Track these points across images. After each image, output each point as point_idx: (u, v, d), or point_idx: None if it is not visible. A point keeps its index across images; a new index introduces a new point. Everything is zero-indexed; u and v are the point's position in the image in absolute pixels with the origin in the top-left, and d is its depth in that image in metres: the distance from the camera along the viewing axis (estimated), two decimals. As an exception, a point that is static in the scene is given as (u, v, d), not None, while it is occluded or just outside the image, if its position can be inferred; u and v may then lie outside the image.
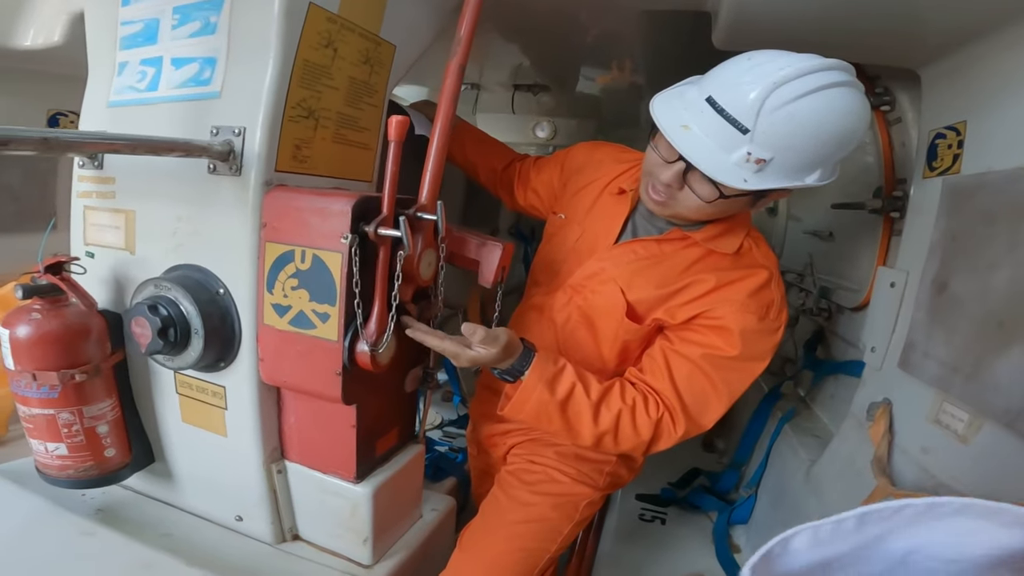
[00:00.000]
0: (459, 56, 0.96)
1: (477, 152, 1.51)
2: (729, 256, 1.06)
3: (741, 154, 0.86)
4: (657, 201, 1.00)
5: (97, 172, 0.96)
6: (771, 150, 0.85)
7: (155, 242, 0.95)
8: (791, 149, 0.86)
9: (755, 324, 1.01)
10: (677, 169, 0.93)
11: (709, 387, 1.03)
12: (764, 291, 1.03)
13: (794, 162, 0.87)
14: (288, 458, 1.03)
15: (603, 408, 1.01)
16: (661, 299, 1.06)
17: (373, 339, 0.88)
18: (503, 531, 1.14)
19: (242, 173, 0.86)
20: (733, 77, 0.87)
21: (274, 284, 0.88)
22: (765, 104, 0.83)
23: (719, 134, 0.87)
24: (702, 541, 1.66)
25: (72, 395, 0.91)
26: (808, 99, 0.82)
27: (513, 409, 1.01)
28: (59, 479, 0.97)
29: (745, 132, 0.85)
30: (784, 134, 0.84)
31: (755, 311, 1.01)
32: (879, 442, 1.21)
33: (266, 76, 0.84)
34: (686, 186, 0.95)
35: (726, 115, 0.86)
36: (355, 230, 0.83)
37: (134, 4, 0.92)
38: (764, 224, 2.42)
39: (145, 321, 0.86)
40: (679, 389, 1.03)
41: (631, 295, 1.07)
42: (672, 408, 1.03)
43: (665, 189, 0.97)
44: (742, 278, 1.04)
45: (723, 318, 1.01)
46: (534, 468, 1.20)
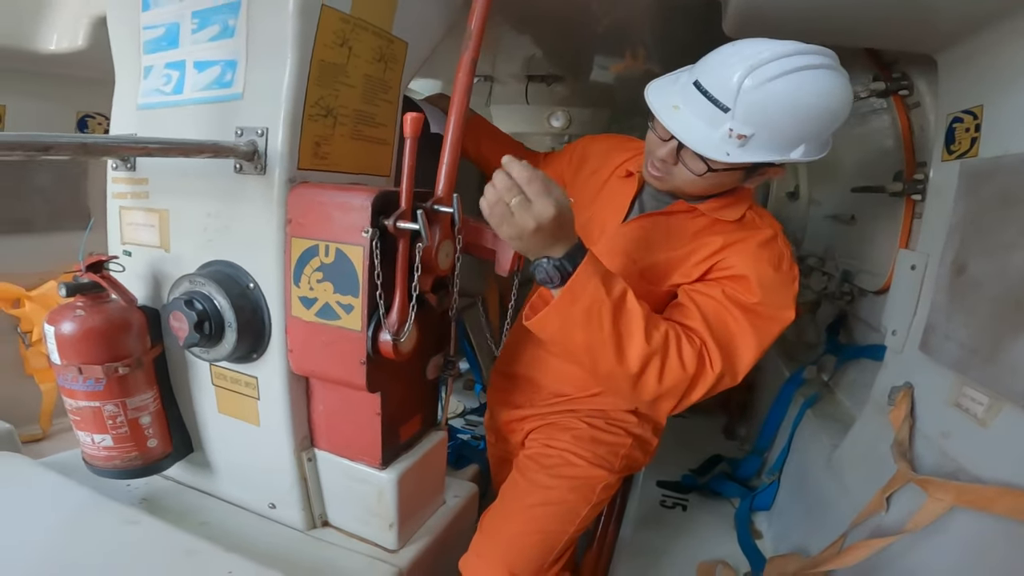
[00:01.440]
0: (471, 50, 0.98)
1: (491, 148, 1.54)
2: (733, 223, 1.10)
3: (724, 130, 0.94)
4: (655, 176, 1.08)
5: (130, 174, 1.01)
6: (751, 126, 0.92)
7: (188, 239, 0.99)
8: (770, 125, 0.92)
9: (771, 273, 1.03)
10: (671, 146, 1.01)
11: (736, 327, 0.99)
12: (772, 244, 1.07)
13: (775, 138, 0.94)
14: (317, 446, 1.07)
15: (652, 325, 0.93)
16: (672, 262, 1.10)
17: (395, 328, 0.91)
18: (522, 514, 1.17)
19: (267, 172, 0.90)
20: (718, 62, 0.95)
21: (300, 277, 0.91)
22: (744, 84, 0.90)
23: (705, 113, 0.95)
24: (724, 527, 1.67)
25: (116, 387, 0.96)
26: (783, 79, 0.88)
27: (562, 303, 0.87)
28: (106, 470, 1.02)
29: (726, 111, 0.92)
30: (762, 111, 0.91)
31: (768, 260, 1.04)
32: (899, 426, 1.21)
33: (284, 77, 0.87)
34: (680, 162, 1.02)
35: (709, 96, 0.94)
36: (375, 224, 0.86)
37: (154, 9, 0.95)
38: (785, 209, 2.40)
39: (182, 315, 0.90)
40: (711, 323, 0.99)
41: (642, 262, 1.11)
42: (707, 343, 0.97)
43: (661, 165, 1.05)
44: (748, 236, 1.08)
45: (736, 266, 1.04)
46: (551, 452, 1.23)
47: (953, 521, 1.00)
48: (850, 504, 1.28)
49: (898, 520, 1.12)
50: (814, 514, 1.47)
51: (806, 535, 1.45)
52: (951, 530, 1.00)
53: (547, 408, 1.28)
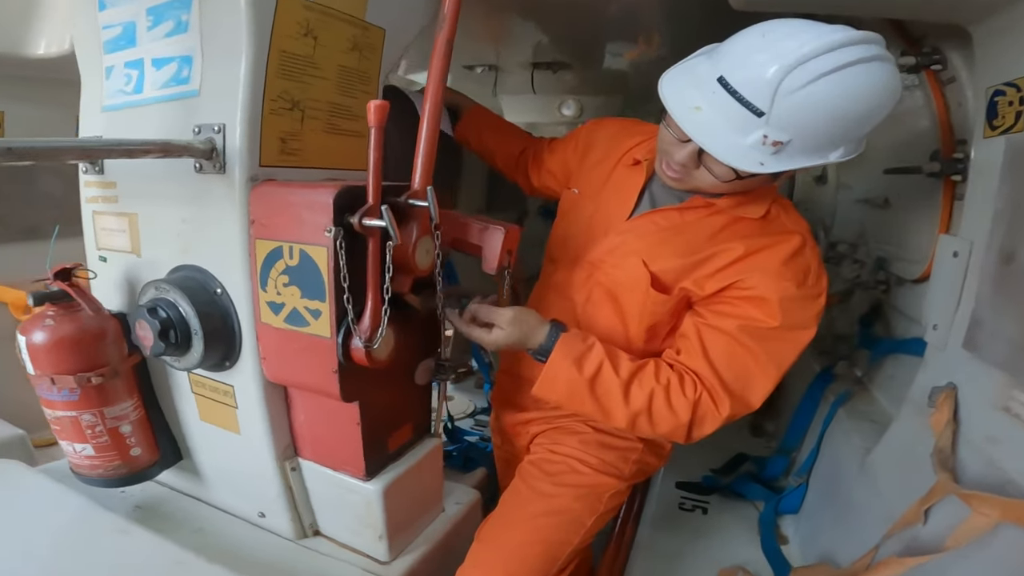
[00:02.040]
0: (445, 31, 0.88)
1: (494, 138, 1.45)
2: (756, 221, 0.99)
3: (756, 137, 0.81)
4: (672, 178, 0.97)
5: (100, 177, 0.97)
6: (789, 132, 0.80)
7: (158, 244, 0.94)
8: (810, 130, 0.80)
9: (793, 291, 0.93)
10: (691, 150, 0.89)
11: (751, 361, 0.94)
12: (798, 257, 0.95)
13: (814, 142, 0.82)
14: (301, 455, 1.02)
15: (634, 387, 0.95)
16: (687, 268, 0.98)
17: (367, 335, 0.83)
18: (523, 524, 1.08)
19: (226, 170, 0.83)
20: (746, 54, 0.81)
21: (267, 281, 0.85)
22: (782, 85, 0.76)
23: (732, 116, 0.81)
24: (746, 531, 1.54)
25: (93, 397, 0.92)
26: (830, 79, 0.75)
27: (542, 388, 0.98)
28: (91, 478, 0.99)
29: (760, 115, 0.79)
30: (803, 116, 0.79)
31: (792, 278, 0.93)
32: (941, 432, 1.07)
33: (240, 71, 0.80)
34: (702, 166, 0.91)
35: (739, 97, 0.80)
36: (339, 222, 0.78)
37: (111, 8, 0.90)
38: (812, 193, 2.22)
39: (146, 324, 0.85)
40: (717, 366, 0.95)
41: (654, 266, 1.00)
42: (712, 388, 0.95)
43: (680, 168, 0.94)
44: (773, 244, 0.96)
45: (757, 287, 0.93)
46: (555, 458, 1.14)
47: (998, 539, 0.87)
48: (884, 512, 1.15)
49: (936, 534, 0.99)
50: (844, 520, 1.34)
51: (835, 543, 1.33)
52: (995, 548, 0.87)
53: (552, 411, 1.19)
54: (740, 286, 0.95)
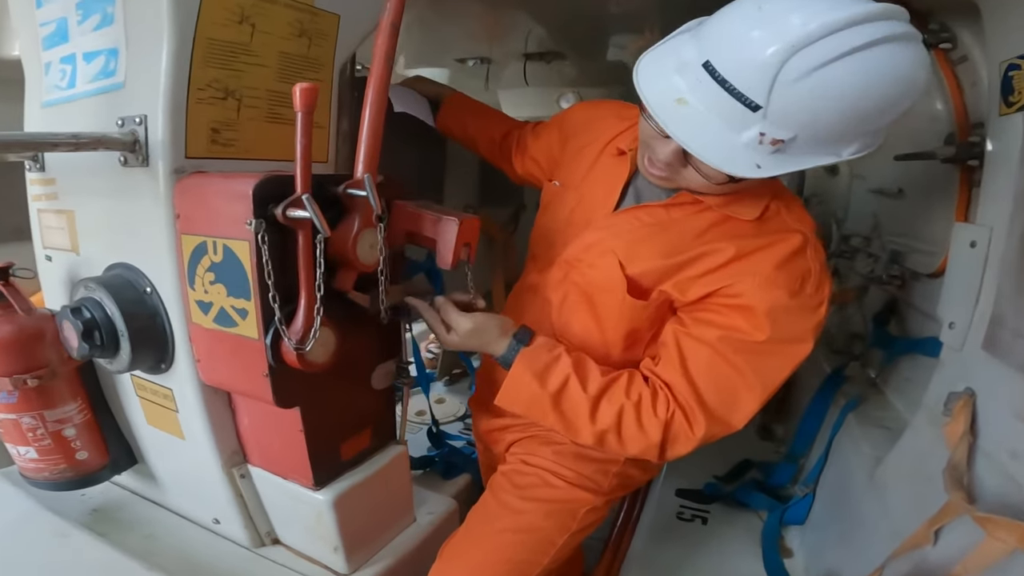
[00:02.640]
0: (390, 13, 0.80)
1: (476, 124, 1.35)
2: (751, 223, 0.86)
3: (752, 135, 0.67)
4: (657, 176, 0.84)
5: (41, 174, 0.92)
6: (791, 128, 0.66)
7: (93, 241, 0.89)
8: (817, 124, 0.65)
9: (786, 301, 0.81)
10: (675, 147, 0.75)
11: (735, 376, 0.83)
12: (796, 260, 0.82)
13: (823, 139, 0.68)
14: (250, 462, 0.95)
15: (603, 403, 0.85)
16: (669, 270, 0.86)
17: (299, 336, 0.75)
18: (487, 541, 0.98)
19: (149, 163, 0.77)
20: (738, 32, 0.65)
21: (195, 279, 0.78)
22: (782, 71, 0.62)
23: (722, 109, 0.67)
24: (748, 543, 1.41)
25: (32, 399, 0.88)
26: (843, 64, 0.60)
27: (503, 399, 0.91)
28: (37, 481, 0.95)
29: (756, 109, 0.65)
30: (809, 110, 0.64)
31: (784, 285, 0.81)
32: (956, 445, 0.93)
33: (162, 60, 0.74)
34: (689, 165, 0.78)
35: (729, 87, 0.65)
36: (262, 214, 0.71)
37: (46, 5, 0.86)
38: (824, 185, 2.07)
39: (69, 325, 0.79)
40: (695, 382, 0.83)
41: (633, 268, 0.88)
42: (686, 406, 0.84)
43: (666, 167, 0.80)
44: (768, 245, 0.83)
45: (743, 295, 0.81)
46: (527, 470, 1.04)
47: (1015, 566, 0.75)
48: (891, 529, 1.03)
49: (946, 557, 0.87)
50: (851, 536, 1.21)
51: (840, 559, 1.20)
52: (1012, 576, 0.74)
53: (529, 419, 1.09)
54: (726, 292, 0.83)
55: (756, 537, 1.43)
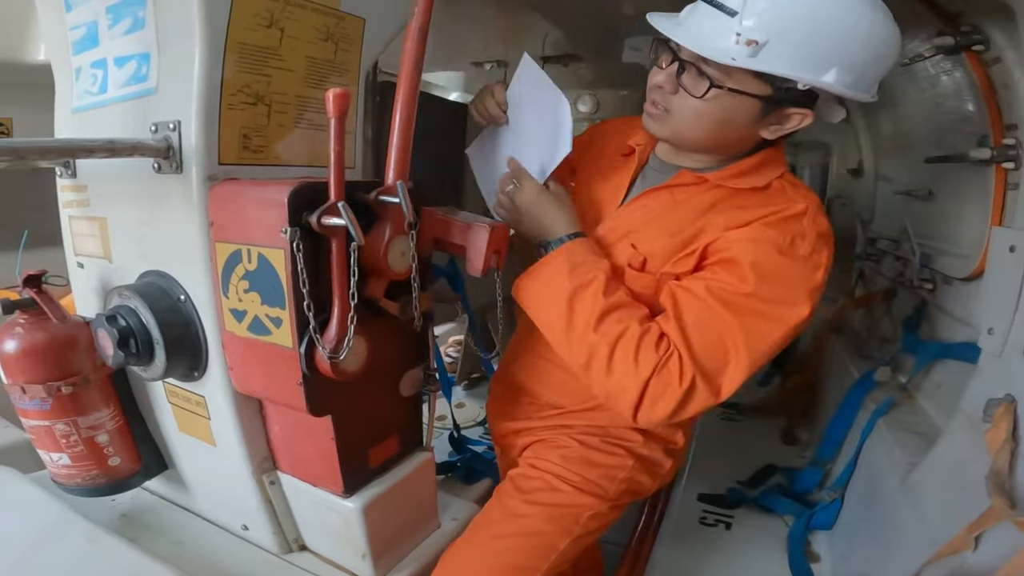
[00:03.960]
0: (418, 17, 0.79)
1: None
2: (754, 193, 0.88)
3: (731, 38, 0.76)
4: (652, 113, 0.88)
5: (73, 181, 0.92)
6: (763, 32, 0.74)
7: (126, 248, 0.89)
8: (786, 33, 0.74)
9: (773, 256, 0.80)
10: (670, 71, 0.83)
11: (722, 329, 0.79)
12: (790, 222, 0.82)
13: (794, 50, 0.75)
14: (280, 469, 0.94)
15: (613, 315, 0.82)
16: (673, 248, 0.87)
17: (332, 345, 0.75)
18: (485, 545, 0.96)
19: (183, 170, 0.77)
20: None
21: (228, 287, 0.78)
22: None
23: (711, 23, 0.77)
24: (773, 548, 1.39)
25: (65, 406, 0.88)
26: None
27: (526, 278, 0.90)
28: (70, 488, 0.95)
29: (733, 15, 0.75)
30: (774, 13, 0.74)
31: (773, 240, 0.80)
32: (998, 452, 0.91)
33: (194, 65, 0.74)
34: (680, 88, 0.83)
35: (714, 2, 0.77)
36: (297, 222, 0.70)
37: (75, 9, 0.86)
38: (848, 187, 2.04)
39: (104, 333, 0.79)
40: (686, 329, 0.80)
41: (644, 247, 0.89)
42: (680, 353, 0.79)
43: (660, 95, 0.86)
44: (768, 213, 0.83)
45: (729, 249, 0.82)
46: (532, 474, 1.02)
47: None
48: (927, 535, 1.01)
49: (987, 563, 0.85)
50: (883, 541, 1.19)
51: (872, 564, 1.18)
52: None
53: (540, 422, 1.08)
54: (713, 247, 0.83)
55: (781, 542, 1.41)
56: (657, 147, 1.00)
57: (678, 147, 0.94)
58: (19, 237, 1.59)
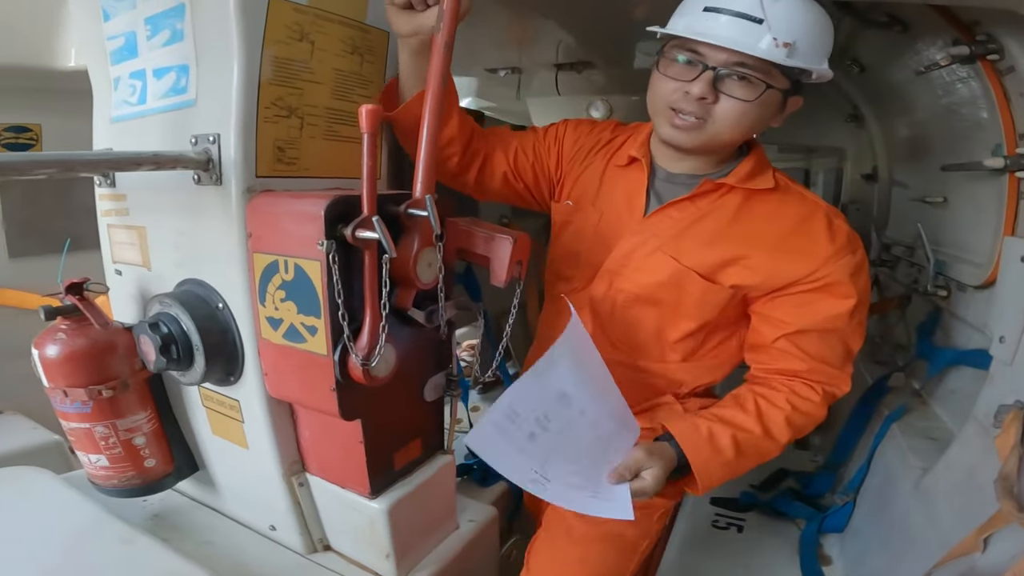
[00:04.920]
0: (444, 32, 0.84)
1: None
2: (771, 194, 1.00)
3: (768, 40, 0.84)
4: (687, 126, 0.92)
5: (112, 190, 0.97)
6: (791, 34, 0.85)
7: (165, 257, 0.94)
8: (804, 32, 0.86)
9: (851, 259, 0.96)
10: (707, 78, 0.87)
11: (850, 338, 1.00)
12: (835, 224, 0.97)
13: (812, 46, 0.88)
14: (309, 471, 0.99)
15: (771, 425, 0.96)
16: (723, 260, 0.97)
17: (365, 352, 0.80)
18: (577, 551, 1.01)
19: (223, 182, 0.81)
20: None
21: (265, 297, 0.82)
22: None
23: (738, 28, 0.85)
24: (785, 551, 1.43)
25: (105, 409, 0.92)
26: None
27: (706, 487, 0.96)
28: (106, 488, 1.00)
29: (760, 22, 0.84)
30: (792, 19, 0.85)
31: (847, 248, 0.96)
32: (1008, 456, 0.94)
33: (233, 78, 0.78)
34: (720, 94, 0.89)
35: (734, 12, 0.85)
36: (332, 235, 0.75)
37: (113, 19, 0.90)
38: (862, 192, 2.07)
39: (147, 339, 0.84)
40: (821, 356, 0.98)
41: (688, 259, 0.96)
42: (826, 378, 0.99)
43: (698, 107, 0.89)
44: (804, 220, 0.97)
45: (831, 274, 0.95)
46: None
47: None
48: (939, 538, 1.05)
49: (996, 565, 0.89)
50: (895, 544, 1.22)
51: (883, 568, 1.22)
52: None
53: None
54: (812, 279, 0.95)
55: (793, 545, 1.45)
56: (656, 156, 1.05)
57: (693, 153, 0.98)
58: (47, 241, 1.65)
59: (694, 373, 1.09)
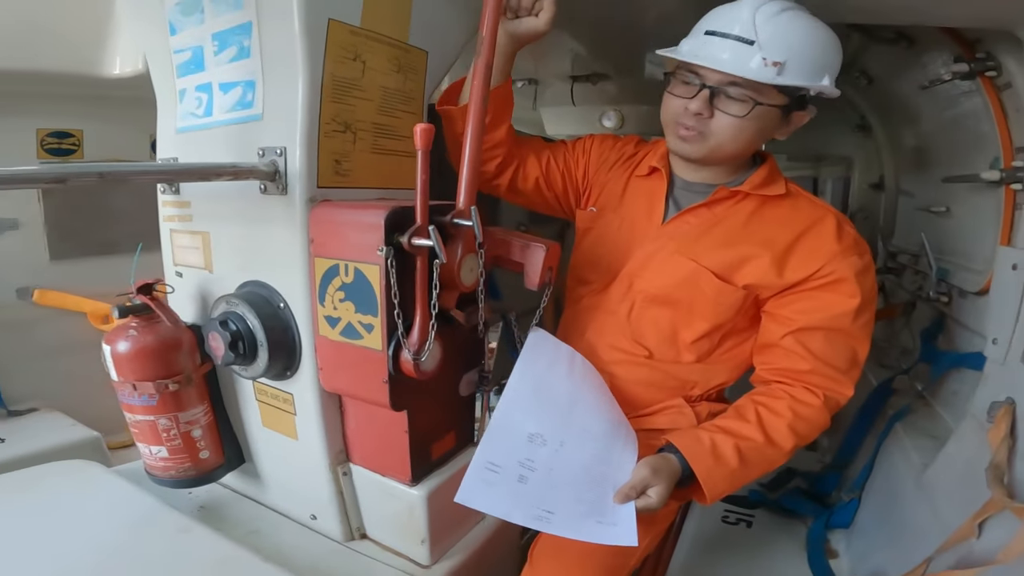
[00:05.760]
0: (483, 56, 0.96)
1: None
2: (783, 199, 1.11)
3: (757, 61, 0.96)
4: (688, 136, 1.05)
5: (176, 197, 1.09)
6: (781, 52, 0.96)
7: (228, 260, 1.06)
8: (796, 50, 0.96)
9: (858, 262, 1.05)
10: (703, 96, 1.00)
11: (855, 340, 1.07)
12: (843, 228, 1.07)
13: (805, 63, 0.97)
14: (352, 461, 1.11)
15: (773, 433, 1.03)
16: (741, 260, 1.07)
17: (415, 348, 0.91)
18: (577, 546, 1.10)
19: (288, 192, 0.93)
20: (720, 13, 1.01)
21: (325, 297, 0.94)
22: (757, 16, 0.96)
23: (731, 51, 0.97)
24: (793, 546, 1.54)
25: (168, 402, 1.04)
26: (785, 14, 0.96)
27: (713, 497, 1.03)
28: (163, 479, 1.11)
29: (751, 43, 0.96)
30: (784, 38, 0.96)
31: (854, 250, 1.06)
32: (998, 447, 1.07)
33: (298, 95, 0.90)
34: (716, 110, 1.02)
35: (730, 36, 0.97)
36: (390, 242, 0.87)
37: (180, 33, 1.00)
38: (870, 201, 2.20)
39: (218, 335, 0.96)
40: (826, 357, 1.05)
41: (706, 260, 1.08)
42: (829, 381, 1.06)
43: (696, 121, 1.03)
44: (814, 223, 1.07)
45: (836, 271, 1.04)
46: None
47: None
48: (940, 530, 1.16)
49: (990, 549, 1.00)
50: (899, 537, 1.34)
51: (888, 560, 1.32)
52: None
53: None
54: (819, 275, 1.05)
55: (801, 540, 1.56)
56: (674, 167, 1.17)
57: (705, 164, 1.11)
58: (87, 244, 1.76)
59: (707, 374, 1.20)
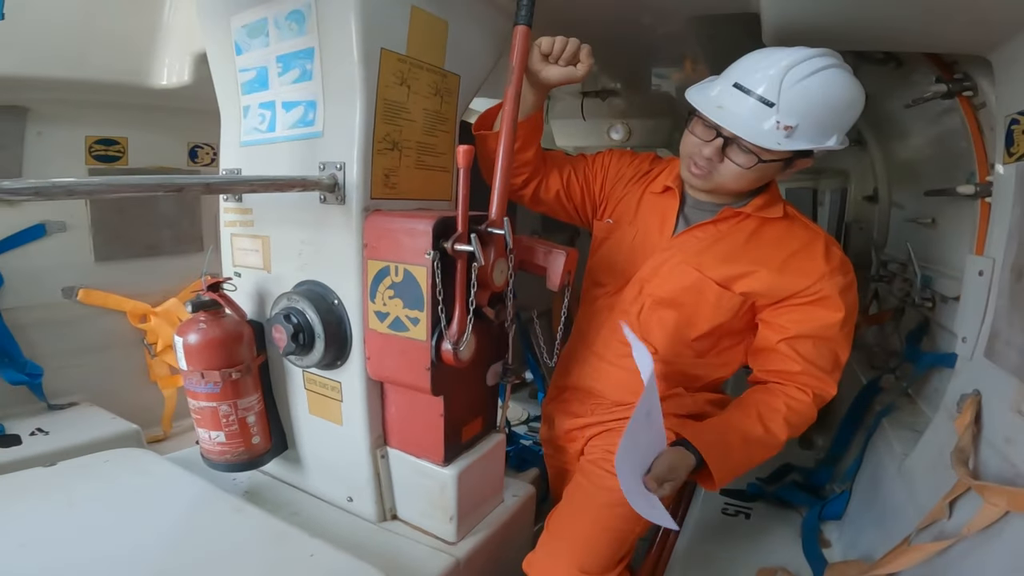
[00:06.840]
0: (513, 84, 1.16)
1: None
2: (780, 221, 1.29)
3: (771, 123, 1.10)
4: (698, 175, 1.23)
5: (238, 205, 1.28)
6: (796, 117, 1.09)
7: (286, 262, 1.24)
8: (810, 116, 1.09)
9: (842, 280, 1.24)
10: (716, 145, 1.17)
11: (838, 347, 1.26)
12: (831, 250, 1.26)
13: (815, 127, 1.11)
14: (389, 444, 1.29)
15: (771, 425, 1.24)
16: (740, 273, 1.26)
17: (455, 338, 1.10)
18: (590, 514, 1.30)
19: (346, 202, 1.12)
20: (752, 66, 1.14)
21: (375, 295, 1.13)
22: (784, 80, 1.08)
23: (750, 110, 1.11)
24: (789, 536, 1.73)
25: (229, 390, 1.21)
26: (815, 77, 1.08)
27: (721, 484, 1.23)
28: (218, 463, 1.27)
29: (771, 105, 1.09)
30: (803, 103, 1.08)
31: (839, 269, 1.24)
32: (962, 433, 1.26)
33: (356, 115, 1.08)
34: (725, 158, 1.18)
35: (753, 94, 1.11)
36: (436, 247, 1.06)
37: (246, 53, 1.17)
38: (864, 212, 2.41)
39: (282, 328, 1.15)
40: (814, 361, 1.25)
41: (710, 271, 1.27)
42: (817, 381, 1.26)
43: (706, 163, 1.20)
44: (806, 244, 1.26)
45: (822, 290, 1.23)
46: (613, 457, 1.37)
47: (1008, 527, 1.05)
48: (917, 512, 1.34)
49: (959, 527, 1.17)
50: (883, 523, 1.52)
51: (875, 544, 1.50)
52: (1005, 536, 1.05)
53: (608, 416, 1.43)
54: (807, 293, 1.23)
55: (797, 530, 1.75)
56: (686, 187, 1.37)
57: (708, 194, 1.31)
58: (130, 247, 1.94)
59: (706, 369, 1.40)
